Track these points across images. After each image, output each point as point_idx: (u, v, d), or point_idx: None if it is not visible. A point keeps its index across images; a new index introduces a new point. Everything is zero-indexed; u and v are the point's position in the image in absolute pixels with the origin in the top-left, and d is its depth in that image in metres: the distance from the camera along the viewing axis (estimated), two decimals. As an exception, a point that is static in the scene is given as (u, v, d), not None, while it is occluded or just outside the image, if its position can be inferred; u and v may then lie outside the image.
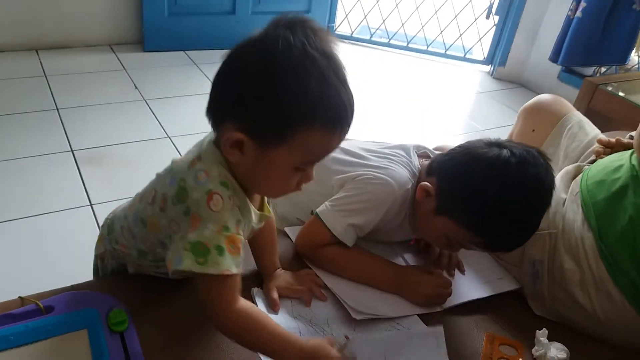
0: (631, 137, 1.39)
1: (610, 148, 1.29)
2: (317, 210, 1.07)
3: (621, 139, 1.28)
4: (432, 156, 1.13)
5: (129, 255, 0.95)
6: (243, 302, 0.79)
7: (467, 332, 1.02)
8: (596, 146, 1.29)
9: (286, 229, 1.17)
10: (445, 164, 1.04)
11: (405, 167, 1.08)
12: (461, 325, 1.04)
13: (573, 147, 1.38)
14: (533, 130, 1.48)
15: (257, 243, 1.03)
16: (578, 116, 1.45)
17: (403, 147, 1.14)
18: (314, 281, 1.04)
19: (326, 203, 1.07)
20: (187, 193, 0.76)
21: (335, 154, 1.17)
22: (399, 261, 1.13)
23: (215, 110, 0.76)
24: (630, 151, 1.15)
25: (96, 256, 1.04)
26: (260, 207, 0.90)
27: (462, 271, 1.15)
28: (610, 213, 1.04)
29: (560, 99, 1.52)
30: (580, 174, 1.20)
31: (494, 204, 0.94)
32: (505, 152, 0.95)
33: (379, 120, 2.83)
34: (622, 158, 1.13)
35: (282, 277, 1.03)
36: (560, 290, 1.05)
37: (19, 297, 0.91)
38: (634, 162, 1.08)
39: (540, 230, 1.08)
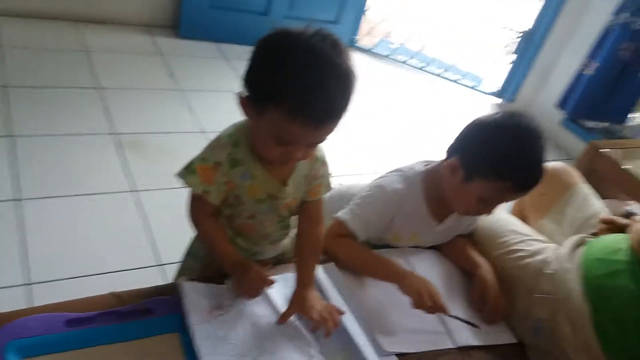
0: (627, 213, 1.61)
1: (609, 224, 1.50)
2: (339, 214, 1.34)
3: (618, 220, 1.48)
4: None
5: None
6: (209, 220, 1.08)
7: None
8: (599, 224, 1.50)
9: None
10: (462, 140, 1.31)
11: (398, 175, 1.36)
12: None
13: (578, 217, 1.59)
14: (544, 194, 1.69)
15: (298, 249, 1.19)
16: (585, 189, 1.66)
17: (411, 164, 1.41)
18: (333, 319, 1.08)
19: (345, 209, 1.35)
20: None
21: None
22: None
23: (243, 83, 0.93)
24: (627, 236, 1.35)
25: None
26: (282, 182, 1.06)
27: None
28: (606, 291, 1.24)
29: (571, 169, 1.73)
30: (583, 246, 1.41)
31: (510, 146, 1.21)
32: (500, 113, 1.27)
33: (387, 136, 3.03)
34: (621, 241, 1.34)
35: (310, 300, 1.09)
36: (556, 348, 1.27)
37: (111, 293, 1.07)
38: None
39: (547, 294, 1.30)
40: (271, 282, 1.08)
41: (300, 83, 0.83)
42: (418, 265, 1.39)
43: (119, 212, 1.96)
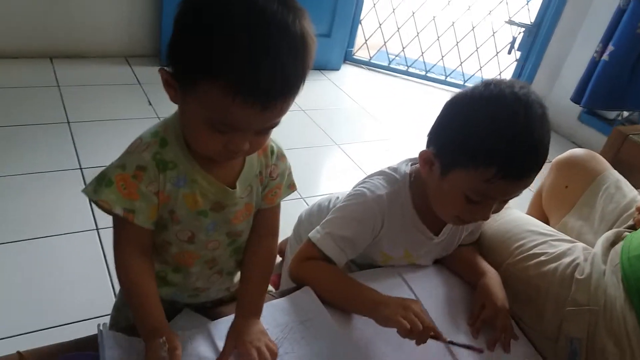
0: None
1: (650, 214, 1.22)
2: (309, 234, 1.07)
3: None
4: None
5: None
6: (138, 262, 0.81)
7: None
8: (636, 213, 1.22)
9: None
10: (433, 128, 1.04)
11: (381, 178, 1.10)
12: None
13: (610, 209, 1.31)
14: (566, 187, 1.42)
15: (243, 268, 0.95)
16: (615, 175, 1.38)
17: (396, 165, 1.15)
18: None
19: (317, 227, 1.08)
20: None
21: None
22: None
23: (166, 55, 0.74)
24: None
25: None
26: (230, 184, 0.84)
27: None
28: (657, 294, 0.97)
29: (596, 155, 1.45)
30: (621, 243, 1.13)
31: (487, 120, 0.92)
32: (479, 85, 0.98)
33: (393, 149, 2.79)
34: (668, 232, 1.06)
35: (250, 333, 0.84)
36: (600, 375, 0.98)
37: (18, 352, 0.84)
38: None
39: (581, 306, 1.02)
40: None
41: (241, 51, 0.64)
42: (416, 284, 1.13)
43: (79, 253, 1.73)
